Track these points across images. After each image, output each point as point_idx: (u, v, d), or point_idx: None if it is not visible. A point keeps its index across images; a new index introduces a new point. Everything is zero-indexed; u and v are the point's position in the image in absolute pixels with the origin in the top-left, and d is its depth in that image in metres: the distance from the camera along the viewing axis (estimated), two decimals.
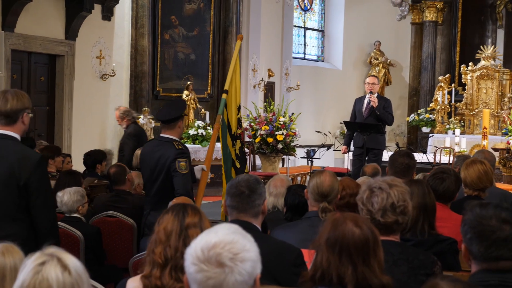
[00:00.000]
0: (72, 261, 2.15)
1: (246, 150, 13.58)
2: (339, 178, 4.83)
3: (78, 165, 9.72)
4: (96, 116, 13.14)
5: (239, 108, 7.78)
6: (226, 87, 7.75)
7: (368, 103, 11.03)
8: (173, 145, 6.02)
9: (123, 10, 13.50)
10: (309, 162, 12.78)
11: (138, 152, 9.30)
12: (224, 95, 7.57)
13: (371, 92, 11.02)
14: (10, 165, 4.22)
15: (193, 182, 6.25)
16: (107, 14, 13.12)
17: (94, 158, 9.01)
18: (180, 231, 3.06)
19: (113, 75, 13.19)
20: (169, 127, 6.14)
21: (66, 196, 6.15)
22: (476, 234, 2.69)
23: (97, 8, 12.75)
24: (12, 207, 4.26)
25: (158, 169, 6.04)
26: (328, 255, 2.80)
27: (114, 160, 10.97)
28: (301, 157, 14.10)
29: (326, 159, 15.80)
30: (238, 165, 7.70)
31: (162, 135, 6.22)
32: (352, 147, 11.31)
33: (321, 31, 20.98)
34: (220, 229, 2.17)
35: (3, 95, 4.29)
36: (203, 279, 2.09)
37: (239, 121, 7.71)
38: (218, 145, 7.82)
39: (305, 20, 20.46)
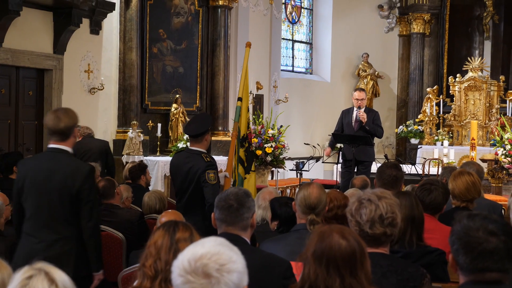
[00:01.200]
0: (59, 275, 2.15)
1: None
2: (326, 191, 4.84)
3: None
4: None
5: (248, 110, 8.08)
6: (239, 95, 8.03)
7: (357, 117, 11.06)
8: (202, 158, 6.52)
9: (111, 24, 13.51)
10: (298, 174, 12.78)
11: (129, 166, 9.30)
12: (238, 103, 7.90)
13: (359, 108, 11.03)
14: (65, 176, 4.82)
15: None
16: (95, 28, 13.12)
17: None
18: (171, 244, 3.07)
19: (102, 89, 13.18)
20: (197, 140, 6.62)
21: None
22: (463, 245, 2.69)
23: (85, 22, 12.76)
24: (66, 212, 4.85)
25: (189, 180, 6.53)
26: (315, 268, 2.80)
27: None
28: (290, 170, 14.10)
29: (315, 171, 15.82)
30: (245, 163, 7.94)
31: (191, 147, 6.72)
32: (340, 159, 11.32)
33: (309, 43, 21.05)
34: (206, 242, 2.19)
35: (55, 115, 4.86)
36: None
37: (248, 123, 8.06)
38: None
39: (293, 32, 20.53)
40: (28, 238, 4.88)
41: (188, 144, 13.53)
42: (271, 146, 13.44)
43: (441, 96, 19.37)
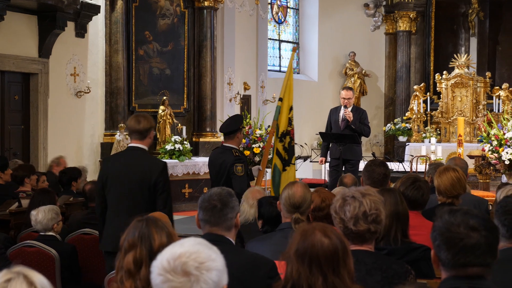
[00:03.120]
0: (38, 278, 2.14)
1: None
2: (312, 189, 4.83)
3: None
4: (72, 134, 13.08)
5: (291, 108, 8.50)
6: (281, 95, 8.60)
7: (344, 116, 11.06)
8: (232, 153, 7.40)
9: (97, 27, 13.48)
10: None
11: None
12: (279, 103, 8.49)
13: (345, 106, 11.04)
14: (144, 170, 5.64)
15: (251, 180, 7.74)
16: (81, 31, 13.08)
17: (69, 175, 8.95)
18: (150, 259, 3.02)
19: (88, 92, 13.15)
20: (229, 137, 7.52)
21: (41, 215, 6.11)
22: (444, 241, 2.69)
23: (70, 25, 12.72)
24: (144, 200, 5.59)
25: (221, 172, 7.42)
26: (298, 266, 2.79)
27: (89, 177, 10.90)
28: None
29: (303, 171, 15.83)
30: (286, 156, 8.33)
31: (224, 144, 7.59)
32: (329, 158, 11.32)
33: (296, 43, 21.06)
34: (186, 241, 2.19)
35: (135, 118, 5.74)
36: None
37: (290, 120, 8.42)
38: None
39: (279, 32, 20.54)
40: (112, 223, 5.65)
41: (180, 146, 13.72)
42: (259, 146, 13.45)
43: (428, 94, 19.44)
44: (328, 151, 11.30)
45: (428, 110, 19.25)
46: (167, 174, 5.83)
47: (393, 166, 13.84)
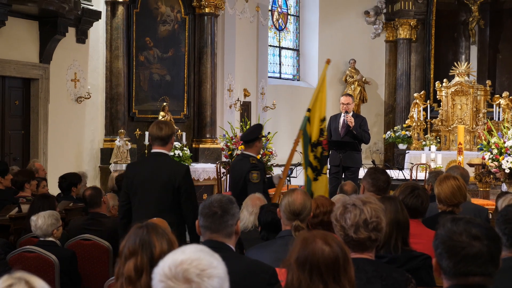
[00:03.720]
0: (39, 283, 2.14)
1: (223, 170, 13.58)
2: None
3: (54, 189, 9.66)
4: (72, 139, 13.08)
5: (323, 120, 8.57)
6: (310, 106, 8.58)
7: (345, 122, 11.06)
8: (249, 160, 7.68)
9: (98, 33, 13.49)
10: (287, 181, 12.77)
11: (114, 174, 9.28)
12: (307, 113, 8.49)
13: (346, 112, 11.04)
14: (168, 173, 5.94)
15: (271, 187, 8.17)
16: (81, 37, 13.10)
17: (69, 181, 8.94)
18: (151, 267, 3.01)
19: (88, 98, 13.15)
20: (249, 145, 7.85)
21: (41, 220, 6.10)
22: (446, 249, 2.69)
23: (71, 31, 12.74)
24: (170, 203, 5.88)
25: (238, 178, 7.72)
26: (298, 274, 2.79)
27: (89, 183, 10.90)
28: None
29: (303, 178, 15.78)
30: (318, 166, 8.37)
31: (243, 152, 8.00)
32: (328, 165, 11.30)
33: (296, 50, 21.08)
34: (187, 248, 2.19)
35: (157, 125, 6.06)
36: None
37: (322, 131, 8.49)
38: None
39: (280, 39, 20.55)
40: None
41: (180, 152, 13.71)
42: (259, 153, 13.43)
43: (428, 101, 19.44)
44: (328, 158, 11.29)
45: (428, 118, 19.25)
46: (190, 177, 6.17)
47: (393, 174, 13.83)
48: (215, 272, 2.12)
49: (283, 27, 20.69)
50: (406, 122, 19.52)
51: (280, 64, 20.53)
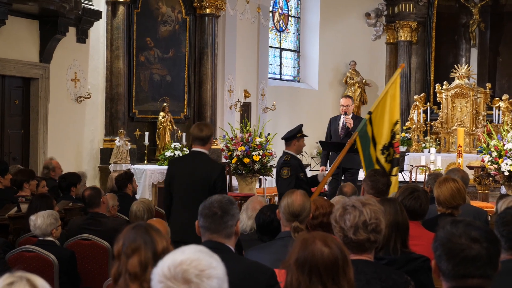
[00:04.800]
0: (40, 282, 2.14)
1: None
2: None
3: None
4: (72, 139, 13.07)
5: (396, 123, 8.65)
6: (372, 109, 8.70)
7: (344, 124, 11.06)
8: (283, 157, 8.42)
9: (98, 33, 13.49)
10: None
11: (113, 174, 9.28)
12: (367, 116, 8.62)
13: (346, 113, 11.05)
14: (205, 170, 6.51)
15: (315, 185, 8.46)
16: (82, 37, 13.09)
17: (68, 181, 8.93)
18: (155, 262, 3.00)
19: (89, 98, 13.15)
20: (287, 144, 8.52)
21: (40, 220, 6.10)
22: (445, 251, 2.69)
23: (72, 30, 12.73)
24: (205, 197, 6.05)
25: (276, 174, 8.53)
26: (298, 275, 2.79)
27: (88, 183, 10.89)
28: None
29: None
30: (388, 168, 8.45)
31: (284, 150, 8.57)
32: (328, 167, 11.30)
33: (297, 51, 21.09)
34: (186, 249, 2.19)
35: (198, 126, 6.66)
36: None
37: (394, 134, 8.59)
38: None
39: (280, 40, 20.56)
40: (177, 215, 6.51)
41: (180, 152, 13.73)
42: (259, 154, 13.44)
43: (428, 104, 19.44)
44: (328, 160, 11.28)
45: (428, 120, 19.24)
46: (224, 175, 6.77)
47: None
48: (214, 273, 2.13)
49: (284, 28, 20.70)
50: (406, 124, 19.51)
51: (280, 65, 20.53)
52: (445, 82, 18.92)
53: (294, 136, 8.48)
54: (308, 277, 2.78)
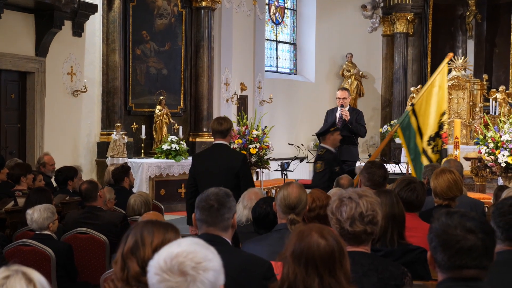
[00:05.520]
0: (37, 275, 2.14)
1: None
2: (308, 191, 4.83)
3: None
4: (68, 133, 13.06)
5: (443, 114, 9.01)
6: (415, 101, 9.00)
7: (341, 116, 11.06)
8: (318, 152, 8.88)
9: (94, 26, 13.46)
10: (283, 175, 12.78)
11: (110, 168, 9.27)
12: (409, 108, 8.87)
13: (342, 106, 11.04)
14: (228, 161, 6.94)
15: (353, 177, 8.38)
16: (78, 30, 13.07)
17: (65, 174, 8.92)
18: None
19: (85, 91, 13.13)
20: (323, 139, 8.81)
21: (36, 214, 6.09)
22: (441, 242, 2.69)
23: (67, 24, 12.71)
24: (231, 185, 6.24)
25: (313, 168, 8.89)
26: (294, 267, 2.79)
27: (85, 176, 10.87)
28: (275, 170, 14.11)
29: (300, 172, 15.83)
30: (434, 158, 8.76)
31: (320, 144, 8.94)
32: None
33: (293, 44, 21.07)
34: (182, 241, 2.19)
35: (217, 121, 7.09)
36: None
37: (442, 125, 8.94)
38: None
39: (277, 33, 20.54)
40: None
41: (177, 146, 13.73)
42: (256, 147, 13.44)
43: None
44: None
45: None
46: (247, 163, 7.34)
47: (390, 167, 13.84)
48: (210, 265, 2.12)
49: (280, 21, 20.68)
50: None
51: (277, 58, 20.52)
52: None
53: (328, 131, 8.77)
54: (305, 269, 2.78)
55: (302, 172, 17.16)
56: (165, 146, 13.86)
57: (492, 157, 11.73)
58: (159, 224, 2.97)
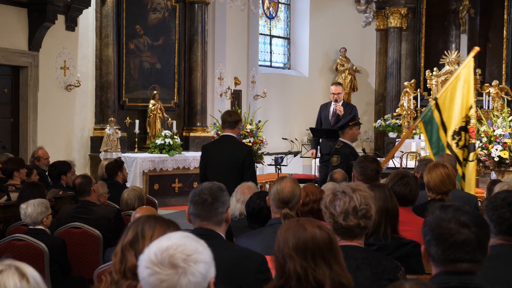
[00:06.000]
0: (30, 270, 2.13)
1: None
2: (302, 185, 4.83)
3: None
4: (62, 127, 13.04)
5: (470, 108, 8.79)
6: (438, 95, 8.94)
7: (334, 111, 11.07)
8: (335, 146, 9.07)
9: (87, 20, 13.43)
10: (277, 169, 12.78)
11: (104, 163, 9.26)
12: (432, 102, 8.82)
13: (336, 101, 11.05)
14: (235, 151, 7.39)
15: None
16: (71, 25, 13.03)
17: (58, 169, 8.91)
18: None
19: (78, 86, 13.10)
20: (342, 132, 9.11)
21: (30, 208, 6.08)
22: (434, 236, 2.70)
23: (61, 18, 12.67)
24: (236, 175, 7.10)
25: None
26: (301, 262, 2.79)
27: (78, 171, 10.86)
28: (269, 165, 14.10)
29: (294, 166, 15.83)
30: (465, 154, 8.60)
31: (339, 138, 9.14)
32: (319, 154, 11.32)
33: (287, 38, 21.05)
34: (172, 235, 2.20)
35: (228, 113, 7.63)
36: (156, 282, 2.09)
37: (469, 119, 8.70)
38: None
39: (270, 27, 20.52)
40: None
41: (170, 140, 13.73)
42: (250, 141, 13.44)
43: (418, 90, 19.45)
44: (318, 146, 11.31)
45: (419, 106, 19.25)
46: (252, 155, 7.83)
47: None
48: (201, 257, 2.13)
49: (274, 15, 20.66)
50: (397, 110, 19.53)
51: (270, 52, 20.50)
52: (435, 68, 18.93)
53: (346, 125, 9.03)
54: (313, 261, 2.79)
55: (296, 166, 17.16)
56: (158, 141, 13.85)
57: (486, 151, 11.77)
58: (161, 220, 2.98)
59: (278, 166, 12.72)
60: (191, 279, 2.09)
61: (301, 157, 15.17)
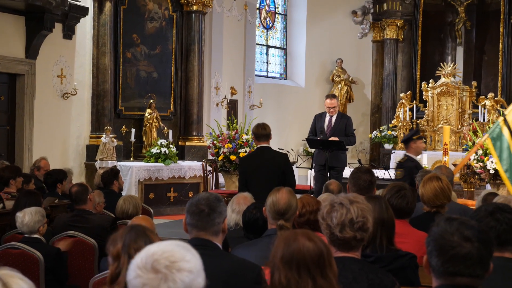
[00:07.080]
0: (17, 282, 2.09)
1: (209, 168, 13.56)
2: (298, 196, 4.83)
3: None
4: (58, 136, 13.03)
5: None
6: (506, 112, 8.74)
7: (331, 123, 11.04)
8: (399, 160, 9.25)
9: (85, 29, 13.45)
10: None
11: (100, 171, 9.26)
12: (500, 118, 8.64)
13: (331, 116, 11.03)
14: (274, 161, 8.03)
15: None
16: (68, 33, 13.05)
17: (54, 177, 8.88)
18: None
19: (75, 94, 13.10)
20: (406, 146, 9.25)
21: (28, 217, 6.05)
22: (436, 247, 2.71)
23: (58, 26, 12.68)
24: (277, 183, 6.86)
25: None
26: (286, 273, 2.79)
27: (75, 179, 10.84)
28: None
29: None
30: None
31: (404, 152, 9.28)
32: (313, 164, 11.30)
33: (284, 49, 21.09)
34: (164, 242, 2.22)
35: (261, 126, 8.14)
36: (139, 285, 2.11)
37: None
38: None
39: (267, 38, 20.56)
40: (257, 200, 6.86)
41: (166, 149, 13.73)
42: (246, 151, 13.42)
43: (414, 102, 19.51)
44: (312, 153, 11.33)
45: (414, 118, 19.32)
46: (290, 162, 8.39)
47: (379, 173, 13.85)
48: (186, 266, 2.12)
49: (270, 25, 20.70)
50: (392, 122, 19.57)
51: (267, 62, 20.53)
52: (431, 80, 19.00)
53: (410, 139, 9.08)
54: (297, 273, 2.78)
55: None
56: (154, 150, 13.85)
57: (481, 163, 11.77)
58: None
59: None
60: (171, 286, 2.09)
61: (297, 167, 15.14)
